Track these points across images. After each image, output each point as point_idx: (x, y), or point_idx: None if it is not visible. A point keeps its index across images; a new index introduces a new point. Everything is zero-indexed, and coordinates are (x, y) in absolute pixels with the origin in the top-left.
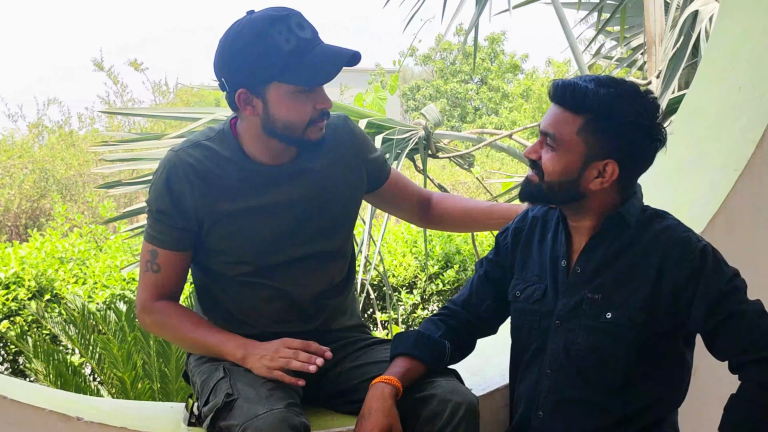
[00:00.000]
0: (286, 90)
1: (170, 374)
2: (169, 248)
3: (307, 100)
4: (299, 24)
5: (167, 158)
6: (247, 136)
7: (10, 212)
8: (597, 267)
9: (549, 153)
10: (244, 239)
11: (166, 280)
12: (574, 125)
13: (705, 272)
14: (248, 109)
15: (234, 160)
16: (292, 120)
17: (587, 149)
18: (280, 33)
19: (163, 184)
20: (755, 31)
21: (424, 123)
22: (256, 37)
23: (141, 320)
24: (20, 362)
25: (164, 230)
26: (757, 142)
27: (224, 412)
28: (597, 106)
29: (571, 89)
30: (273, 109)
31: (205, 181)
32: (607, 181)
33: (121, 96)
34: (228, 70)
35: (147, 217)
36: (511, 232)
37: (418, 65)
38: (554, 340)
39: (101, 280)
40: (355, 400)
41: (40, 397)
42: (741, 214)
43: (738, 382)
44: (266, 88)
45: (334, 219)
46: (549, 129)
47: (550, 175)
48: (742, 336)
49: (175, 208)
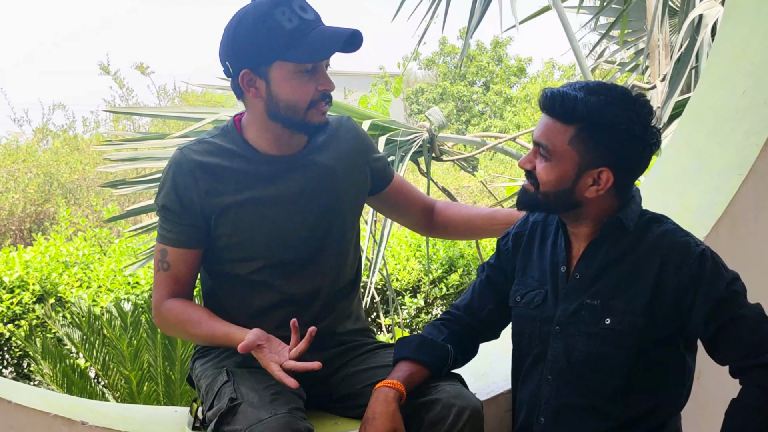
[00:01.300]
0: (289, 69)
1: (175, 378)
2: (177, 245)
3: (310, 81)
4: (302, 6)
5: (173, 157)
6: (252, 127)
7: (15, 216)
8: (596, 272)
9: (542, 163)
10: (253, 231)
11: (177, 278)
12: (566, 135)
13: (705, 277)
14: (252, 90)
15: (239, 152)
16: (294, 100)
17: (580, 158)
18: (283, 14)
19: (169, 182)
20: (759, 34)
21: (428, 126)
22: (259, 18)
23: (156, 320)
24: (24, 366)
25: (172, 228)
26: (762, 145)
27: (228, 417)
28: (588, 115)
29: (560, 99)
30: (276, 89)
31: (210, 174)
32: (603, 188)
33: (126, 100)
34: (232, 52)
35: (158, 217)
36: (511, 237)
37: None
38: (554, 346)
39: (105, 283)
40: (359, 404)
41: (45, 401)
42: (745, 218)
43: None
44: (269, 68)
45: (341, 214)
46: (541, 139)
47: (545, 185)
48: (743, 340)
49: (181, 204)
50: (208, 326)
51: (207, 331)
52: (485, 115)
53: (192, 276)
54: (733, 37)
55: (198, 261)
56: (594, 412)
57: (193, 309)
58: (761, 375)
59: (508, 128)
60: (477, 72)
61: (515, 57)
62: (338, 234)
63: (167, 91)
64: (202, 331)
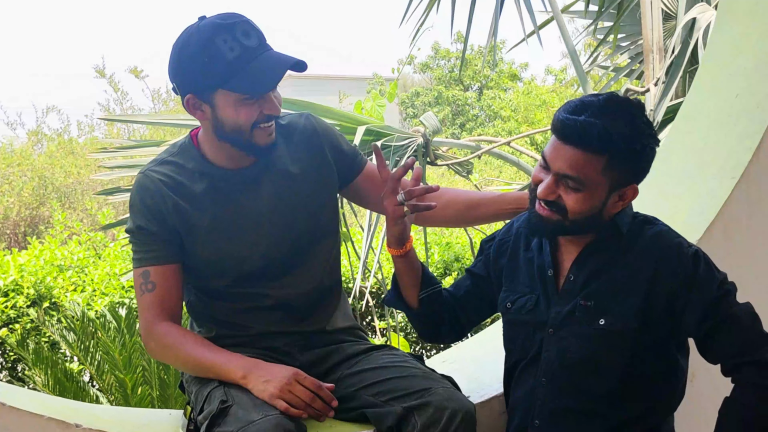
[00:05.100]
0: (233, 97)
1: (169, 381)
2: (158, 263)
3: (254, 105)
4: (245, 32)
5: (137, 180)
6: (207, 142)
7: (9, 220)
8: (590, 274)
9: (572, 194)
10: (220, 250)
11: (163, 296)
12: (598, 165)
13: (698, 278)
14: (198, 113)
15: (199, 169)
16: (239, 123)
17: (611, 183)
18: (224, 42)
19: (138, 202)
20: (752, 38)
21: (422, 130)
22: (201, 45)
23: (146, 346)
24: (19, 369)
25: (149, 247)
26: (754, 149)
27: (219, 419)
28: (621, 144)
29: (592, 130)
30: (220, 113)
31: (175, 192)
32: (627, 202)
33: (120, 103)
34: (178, 75)
35: (131, 244)
36: (495, 243)
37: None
38: (548, 349)
39: (100, 287)
40: (352, 407)
41: (39, 404)
42: (738, 222)
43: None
44: (213, 94)
45: (310, 217)
46: (570, 172)
47: (576, 214)
48: (735, 339)
49: (154, 221)
50: (202, 354)
51: (200, 357)
52: (480, 119)
53: (178, 293)
54: (726, 40)
55: (180, 276)
56: (588, 415)
57: (188, 335)
58: (754, 372)
59: (499, 133)
60: (473, 76)
61: (509, 62)
62: (311, 235)
63: (161, 95)
64: (195, 358)
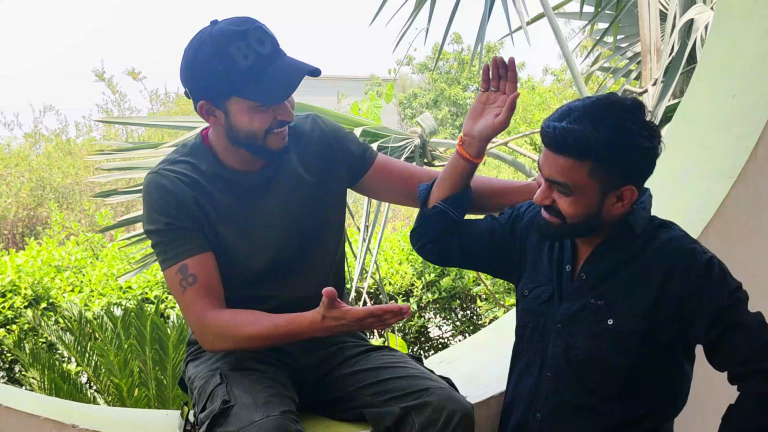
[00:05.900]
0: (247, 105)
1: (166, 381)
2: (195, 253)
3: (268, 112)
4: (259, 39)
5: (150, 181)
6: (219, 145)
7: (7, 220)
8: (602, 274)
9: (564, 198)
10: (231, 250)
11: (206, 286)
12: (583, 170)
13: (710, 285)
14: (211, 119)
15: (212, 170)
16: (253, 130)
17: (602, 185)
18: (238, 49)
19: (159, 201)
20: (749, 39)
21: (419, 131)
22: (215, 53)
23: (203, 341)
24: (16, 371)
25: (181, 241)
26: (752, 149)
27: (221, 419)
28: (602, 148)
29: (570, 137)
30: (234, 119)
31: (194, 190)
32: (628, 203)
33: (119, 104)
34: (190, 82)
35: (156, 246)
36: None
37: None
38: (555, 344)
39: (98, 288)
40: (351, 407)
41: (36, 405)
42: (736, 222)
43: (735, 393)
44: (227, 101)
45: (318, 219)
46: (557, 178)
47: (573, 218)
48: (743, 347)
49: (180, 215)
50: (267, 320)
51: (269, 325)
52: None
53: (219, 281)
54: (724, 41)
55: (216, 262)
56: (591, 412)
57: (241, 311)
58: (760, 382)
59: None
60: (470, 77)
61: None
62: (319, 237)
63: (159, 96)
64: (263, 327)
